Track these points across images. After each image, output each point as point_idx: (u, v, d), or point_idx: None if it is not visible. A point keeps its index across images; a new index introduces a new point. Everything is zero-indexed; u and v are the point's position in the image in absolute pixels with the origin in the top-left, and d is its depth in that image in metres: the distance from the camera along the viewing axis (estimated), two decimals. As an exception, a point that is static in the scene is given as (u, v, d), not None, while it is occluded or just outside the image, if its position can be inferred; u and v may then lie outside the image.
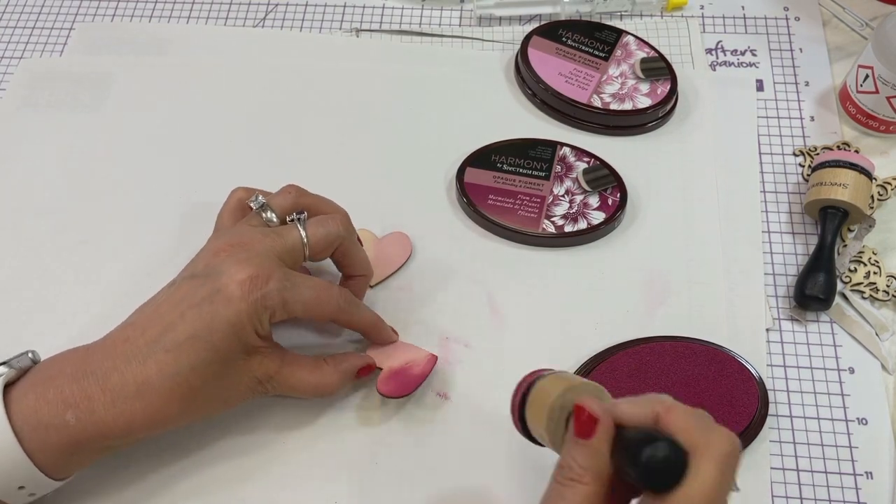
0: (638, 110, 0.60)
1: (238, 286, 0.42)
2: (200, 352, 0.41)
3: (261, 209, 0.47)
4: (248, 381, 0.44)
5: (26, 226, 0.58)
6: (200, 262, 0.44)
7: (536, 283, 0.55)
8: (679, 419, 0.33)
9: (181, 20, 0.69)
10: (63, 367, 0.42)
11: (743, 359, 0.50)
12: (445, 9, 0.69)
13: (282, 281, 0.43)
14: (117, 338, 0.43)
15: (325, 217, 0.47)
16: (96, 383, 0.41)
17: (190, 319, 0.41)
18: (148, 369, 0.41)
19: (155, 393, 0.41)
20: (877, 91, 0.58)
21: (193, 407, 0.43)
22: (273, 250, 0.44)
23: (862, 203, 0.54)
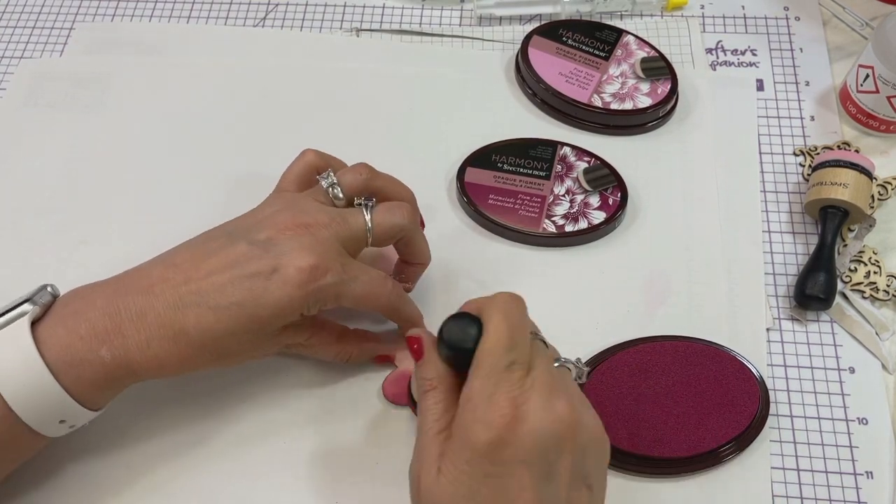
0: (638, 110, 0.60)
1: (297, 273, 0.42)
2: (242, 320, 0.41)
3: (330, 187, 0.47)
4: (276, 345, 0.45)
5: (26, 226, 0.58)
6: (264, 229, 0.44)
7: (537, 282, 0.55)
8: (471, 302, 0.41)
9: (181, 20, 0.69)
10: (94, 300, 0.41)
11: (744, 358, 0.50)
12: (445, 9, 0.69)
13: (339, 275, 0.43)
14: (155, 276, 0.42)
15: (393, 205, 0.47)
16: (130, 321, 0.41)
17: (240, 287, 0.41)
18: (187, 319, 0.41)
19: (190, 344, 0.41)
20: (877, 91, 0.58)
21: (221, 362, 0.44)
22: (337, 237, 0.44)
23: (862, 203, 0.54)
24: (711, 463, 0.47)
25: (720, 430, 0.47)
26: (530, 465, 0.36)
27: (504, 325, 0.38)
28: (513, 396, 0.36)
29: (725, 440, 0.47)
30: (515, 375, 0.37)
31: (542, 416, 0.36)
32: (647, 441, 0.47)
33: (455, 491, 0.36)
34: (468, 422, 0.36)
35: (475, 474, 0.36)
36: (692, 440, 0.47)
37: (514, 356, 0.38)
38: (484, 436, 0.36)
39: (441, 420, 0.39)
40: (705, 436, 0.47)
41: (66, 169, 0.60)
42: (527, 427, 0.36)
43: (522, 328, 0.39)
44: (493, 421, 0.36)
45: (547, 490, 0.36)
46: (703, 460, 0.47)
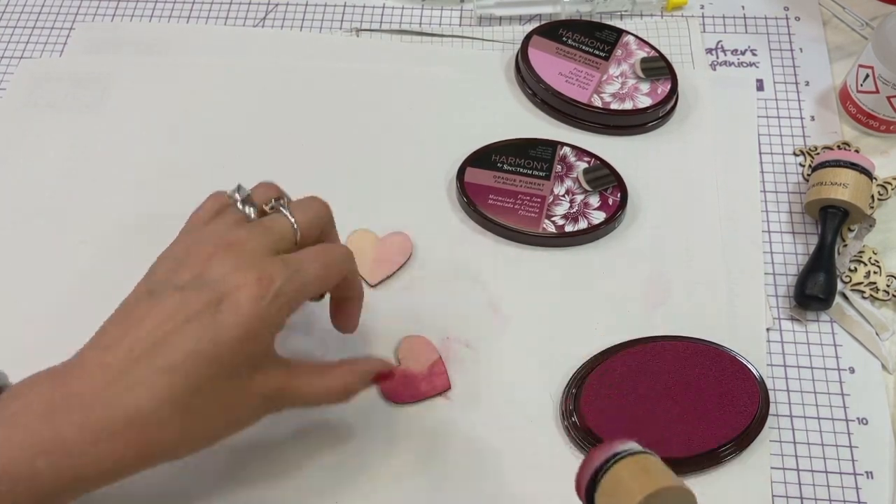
0: (638, 110, 0.60)
1: (245, 293, 0.37)
2: (202, 369, 0.36)
3: (243, 202, 0.43)
4: (255, 398, 0.40)
5: (26, 226, 0.58)
6: (183, 269, 0.39)
7: (537, 283, 0.55)
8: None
9: (181, 20, 0.69)
10: (30, 402, 0.36)
11: (744, 358, 0.50)
12: (445, 9, 0.69)
13: (285, 272, 0.39)
14: (91, 364, 0.37)
15: (306, 199, 0.44)
16: (71, 420, 0.35)
17: (190, 333, 0.36)
18: (138, 396, 0.35)
19: (148, 423, 0.36)
20: (877, 91, 0.58)
21: (190, 435, 0.38)
22: (265, 244, 0.40)
23: (862, 203, 0.54)
24: (711, 463, 0.47)
25: (720, 431, 0.47)
26: None
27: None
28: None
29: (725, 440, 0.47)
30: None
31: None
32: (647, 441, 0.47)
33: None
34: None
35: None
36: (692, 440, 0.47)
37: None
38: None
39: None
40: (705, 436, 0.47)
41: (66, 169, 0.60)
42: None
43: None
44: None
45: None
46: (703, 460, 0.47)
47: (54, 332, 0.53)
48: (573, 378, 0.50)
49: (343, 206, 0.58)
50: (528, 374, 0.51)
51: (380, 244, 0.56)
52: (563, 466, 0.48)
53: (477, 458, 0.48)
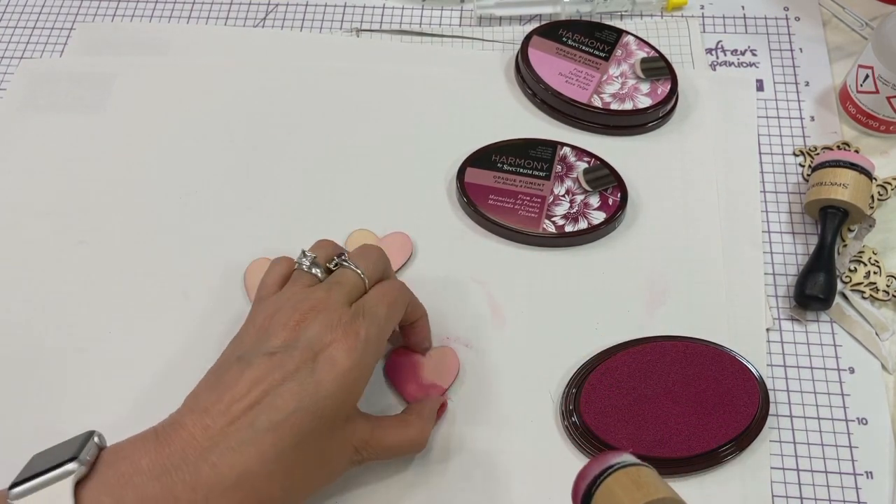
0: (638, 110, 0.60)
1: (338, 347, 0.40)
2: (305, 425, 0.38)
3: (310, 265, 0.45)
4: (348, 450, 0.42)
5: (26, 226, 0.58)
6: (271, 336, 0.41)
7: (537, 283, 0.55)
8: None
9: (181, 20, 0.69)
10: (137, 462, 0.37)
11: (743, 358, 0.50)
12: (445, 9, 0.69)
13: (364, 319, 0.42)
14: (191, 425, 0.38)
15: (361, 247, 0.47)
16: (182, 480, 0.36)
17: (290, 393, 0.38)
18: (246, 456, 0.37)
19: (257, 479, 0.37)
20: (877, 91, 0.58)
21: (294, 489, 0.40)
22: (342, 299, 0.43)
23: (862, 203, 0.54)
24: (711, 463, 0.47)
25: (720, 430, 0.47)
26: None
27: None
28: None
29: (725, 440, 0.47)
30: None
31: None
32: (647, 441, 0.47)
33: None
34: None
35: None
36: (692, 440, 0.47)
37: None
38: None
39: None
40: (705, 436, 0.47)
41: (66, 169, 0.60)
42: None
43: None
44: None
45: None
46: (703, 460, 0.47)
47: (54, 332, 0.54)
48: (573, 378, 0.50)
49: (343, 206, 0.58)
50: (528, 374, 0.51)
51: (380, 244, 0.56)
52: (563, 466, 0.48)
53: (477, 458, 0.48)
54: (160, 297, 0.54)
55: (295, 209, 0.58)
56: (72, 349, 0.53)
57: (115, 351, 0.52)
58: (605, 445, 0.47)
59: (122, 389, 0.51)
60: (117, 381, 0.51)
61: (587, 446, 0.48)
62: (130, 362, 0.52)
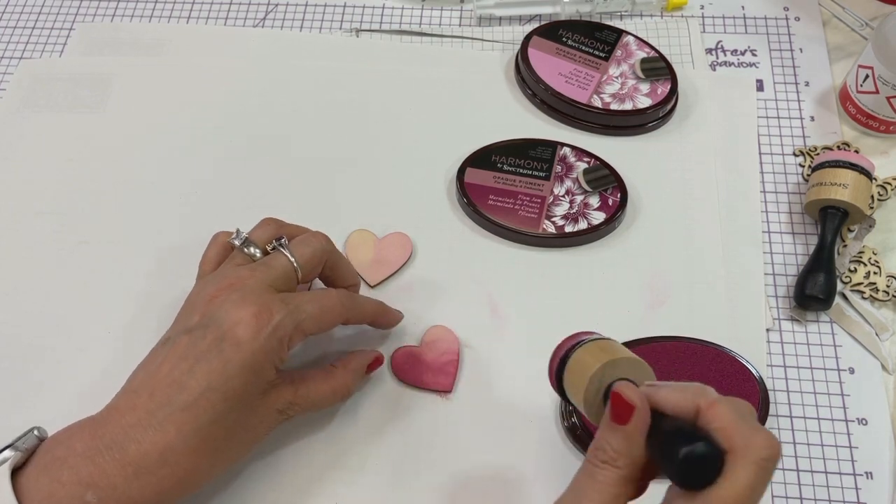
0: (638, 110, 0.60)
1: (244, 328, 0.41)
2: (218, 403, 0.40)
3: (244, 244, 0.46)
4: (271, 414, 0.43)
5: (26, 226, 0.58)
6: (193, 313, 0.42)
7: (537, 283, 0.55)
8: (721, 416, 0.33)
9: (181, 20, 0.69)
10: (72, 445, 0.39)
11: (743, 359, 0.50)
12: (445, 9, 0.69)
13: (284, 308, 0.42)
14: (123, 407, 0.40)
15: (306, 236, 0.47)
16: (112, 458, 0.38)
17: (200, 373, 0.40)
18: (167, 433, 0.39)
19: (180, 455, 0.39)
20: (877, 91, 0.58)
21: (222, 457, 0.42)
22: (266, 282, 0.43)
23: (862, 203, 0.54)
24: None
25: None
26: None
27: (749, 491, 0.31)
28: None
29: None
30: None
31: None
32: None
33: None
34: None
35: None
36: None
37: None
38: None
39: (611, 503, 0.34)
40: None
41: (66, 169, 0.60)
42: None
43: (762, 491, 0.33)
44: None
45: None
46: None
47: (54, 331, 0.54)
48: None
49: (343, 207, 0.58)
50: (528, 375, 0.51)
51: (379, 244, 0.56)
52: (563, 466, 0.48)
53: (477, 457, 0.48)
54: (160, 296, 0.54)
55: (295, 209, 0.58)
56: (71, 349, 0.53)
57: (115, 351, 0.52)
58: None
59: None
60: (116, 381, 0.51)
61: (587, 446, 0.48)
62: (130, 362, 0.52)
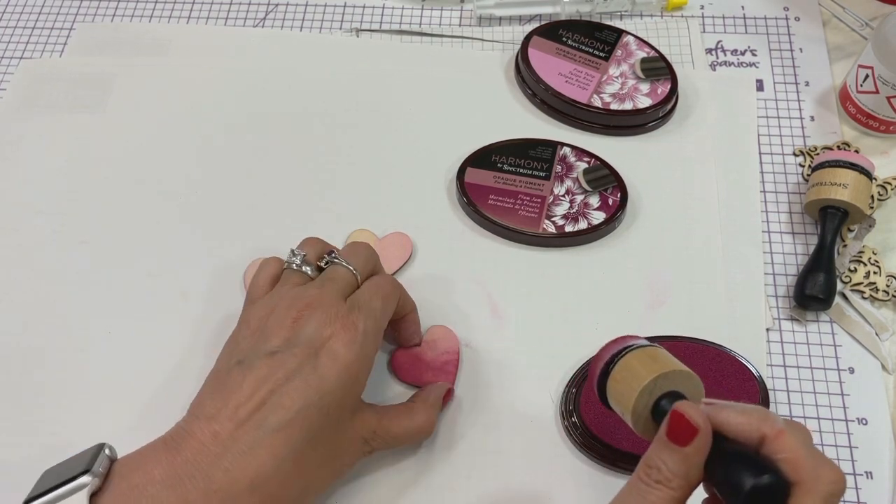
0: (638, 110, 0.60)
1: (337, 342, 0.40)
2: (314, 420, 0.39)
3: (302, 264, 0.46)
4: (357, 442, 0.43)
5: (26, 226, 0.58)
6: (271, 338, 0.41)
7: (537, 283, 0.55)
8: (790, 446, 0.32)
9: (181, 20, 0.69)
10: (150, 472, 0.37)
11: (743, 358, 0.50)
12: (445, 9, 0.69)
13: (360, 312, 0.42)
14: (201, 434, 0.38)
15: (351, 245, 0.48)
16: (196, 488, 0.37)
17: (295, 392, 0.39)
18: (259, 458, 0.37)
19: (271, 481, 0.38)
20: (877, 91, 0.58)
21: (311, 485, 0.41)
22: (337, 295, 0.43)
23: (862, 203, 0.54)
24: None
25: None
26: None
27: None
28: None
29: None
30: None
31: None
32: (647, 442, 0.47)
33: None
34: None
35: None
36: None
37: None
38: None
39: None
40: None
41: (67, 169, 0.60)
42: None
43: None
44: None
45: None
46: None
47: (53, 332, 0.54)
48: (573, 378, 0.50)
49: (343, 206, 0.58)
50: (527, 375, 0.51)
51: (379, 244, 0.56)
52: (563, 466, 0.48)
53: (477, 457, 0.48)
54: (160, 296, 0.54)
55: (295, 209, 0.58)
56: (71, 349, 0.53)
57: (115, 351, 0.52)
58: (604, 446, 0.47)
59: (122, 390, 0.51)
60: (116, 382, 0.51)
61: (587, 446, 0.48)
62: (129, 363, 0.52)
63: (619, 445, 0.47)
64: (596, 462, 0.48)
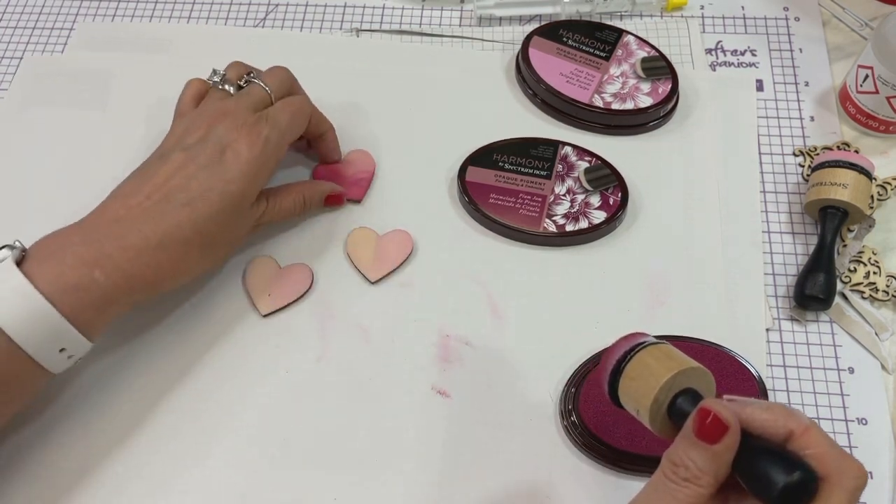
0: (639, 110, 0.60)
1: (243, 143, 0.48)
2: (215, 203, 0.47)
3: (221, 82, 0.53)
4: (250, 222, 0.51)
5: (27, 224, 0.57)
6: (190, 135, 0.49)
7: (537, 282, 0.55)
8: (817, 442, 0.33)
9: (181, 20, 0.69)
10: (68, 239, 0.44)
11: (743, 358, 0.50)
12: (445, 9, 0.69)
13: (267, 123, 0.50)
14: (114, 207, 0.46)
15: (271, 68, 0.55)
16: (112, 244, 0.44)
17: (202, 177, 0.47)
18: (166, 224, 0.45)
19: (177, 243, 0.45)
20: (876, 91, 0.58)
21: (209, 253, 0.48)
22: (248, 107, 0.50)
23: (862, 203, 0.54)
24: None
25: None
26: None
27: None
28: None
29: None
30: None
31: None
32: (646, 441, 0.47)
33: None
34: None
35: None
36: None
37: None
38: None
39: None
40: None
41: (68, 166, 0.60)
42: None
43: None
44: None
45: None
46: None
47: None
48: (572, 377, 0.50)
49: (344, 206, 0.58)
50: (527, 374, 0.51)
51: (380, 241, 0.56)
52: (563, 466, 0.48)
53: (476, 457, 0.48)
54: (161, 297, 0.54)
55: (295, 208, 0.58)
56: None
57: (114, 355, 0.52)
58: (603, 445, 0.47)
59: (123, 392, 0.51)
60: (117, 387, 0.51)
61: (586, 446, 0.48)
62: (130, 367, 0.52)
63: (617, 444, 0.47)
64: (595, 461, 0.48)
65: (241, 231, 0.51)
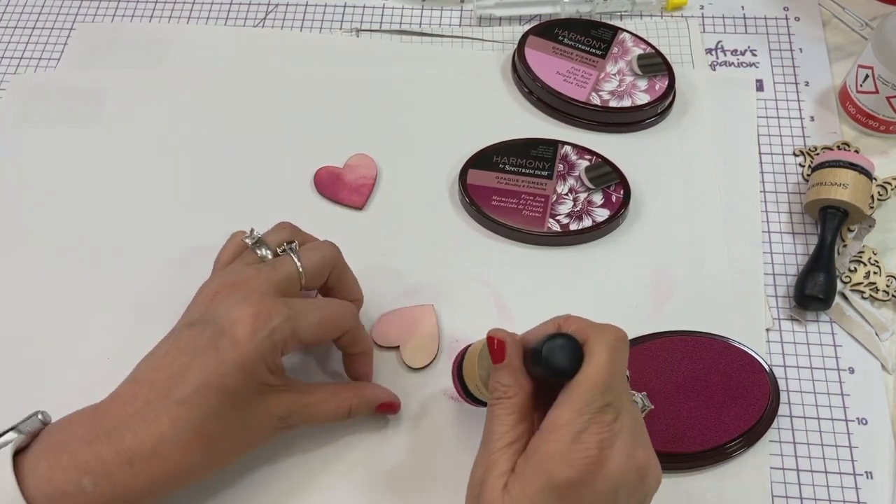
0: (637, 107, 0.61)
1: (242, 328, 0.41)
2: (212, 399, 0.40)
3: (255, 245, 0.46)
4: (269, 419, 0.43)
5: (23, 242, 0.57)
6: (197, 308, 0.43)
7: (543, 282, 0.55)
8: (574, 321, 0.40)
9: (181, 20, 0.69)
10: (74, 430, 0.40)
11: (753, 351, 0.50)
12: (445, 9, 0.69)
13: (285, 312, 0.42)
14: (125, 395, 0.41)
15: (317, 243, 0.47)
16: (109, 445, 0.39)
17: (198, 368, 0.40)
18: (161, 425, 0.39)
19: (172, 448, 0.40)
20: (877, 91, 0.58)
21: (215, 455, 0.42)
22: (269, 283, 0.43)
23: (862, 203, 0.54)
24: (720, 458, 0.48)
25: (732, 424, 0.48)
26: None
27: (608, 364, 0.37)
28: (601, 439, 0.36)
29: (737, 434, 0.48)
30: (607, 418, 0.36)
31: (624, 462, 0.36)
32: (660, 438, 0.47)
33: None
34: (550, 453, 0.36)
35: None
36: (705, 435, 0.47)
37: (610, 398, 0.36)
38: (564, 473, 0.35)
39: (512, 432, 0.38)
40: (717, 430, 0.48)
41: (62, 183, 0.60)
42: (607, 471, 0.36)
43: (622, 369, 0.38)
44: (577, 460, 0.35)
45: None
46: (711, 456, 0.48)
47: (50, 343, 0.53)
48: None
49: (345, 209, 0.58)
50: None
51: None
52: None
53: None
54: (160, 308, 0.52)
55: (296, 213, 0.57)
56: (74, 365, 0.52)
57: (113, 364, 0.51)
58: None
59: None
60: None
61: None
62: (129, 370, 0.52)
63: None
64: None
65: (256, 432, 0.43)
